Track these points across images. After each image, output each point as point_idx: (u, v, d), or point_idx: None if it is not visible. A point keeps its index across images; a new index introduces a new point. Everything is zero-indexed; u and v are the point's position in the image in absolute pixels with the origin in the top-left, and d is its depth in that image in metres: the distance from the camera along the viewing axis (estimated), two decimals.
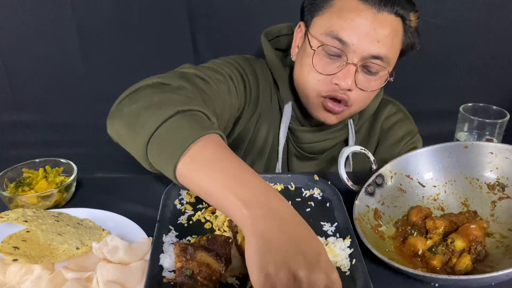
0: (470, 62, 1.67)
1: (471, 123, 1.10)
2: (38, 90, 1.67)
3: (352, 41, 0.97)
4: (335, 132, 1.18)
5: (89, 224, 0.91)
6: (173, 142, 0.70)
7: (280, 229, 0.60)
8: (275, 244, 0.58)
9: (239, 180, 0.65)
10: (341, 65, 0.99)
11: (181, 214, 0.94)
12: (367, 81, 1.02)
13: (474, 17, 1.59)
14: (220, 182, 0.65)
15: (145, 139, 0.72)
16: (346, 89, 1.01)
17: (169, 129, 0.71)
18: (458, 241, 0.82)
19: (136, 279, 0.76)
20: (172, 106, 0.73)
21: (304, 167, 1.22)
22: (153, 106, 0.75)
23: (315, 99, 1.06)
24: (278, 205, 0.63)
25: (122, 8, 1.55)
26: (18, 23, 1.54)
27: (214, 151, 0.69)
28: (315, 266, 0.58)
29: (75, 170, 1.02)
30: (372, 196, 0.95)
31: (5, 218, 0.85)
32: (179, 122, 0.72)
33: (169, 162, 0.69)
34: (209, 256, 0.73)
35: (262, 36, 1.17)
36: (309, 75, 1.03)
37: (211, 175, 0.66)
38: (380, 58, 0.99)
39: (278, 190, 1.03)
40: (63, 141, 1.26)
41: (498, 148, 0.94)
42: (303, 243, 0.60)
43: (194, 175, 0.68)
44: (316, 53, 1.01)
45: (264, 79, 1.15)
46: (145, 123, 0.73)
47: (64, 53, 1.60)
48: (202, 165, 0.68)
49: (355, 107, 1.07)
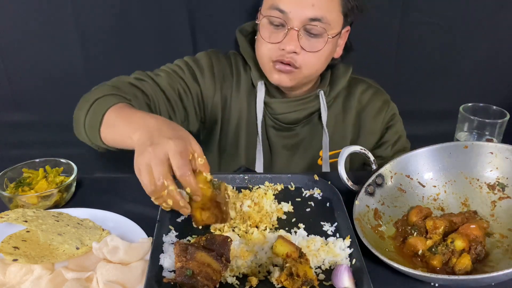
0: (470, 62, 1.67)
1: (471, 123, 1.10)
2: (38, 90, 1.66)
3: (289, 8, 1.10)
4: (307, 103, 1.27)
5: (89, 224, 0.91)
6: (93, 124, 1.01)
7: (152, 135, 0.85)
8: (149, 142, 0.83)
9: (128, 122, 0.94)
10: (285, 32, 1.12)
11: (181, 214, 0.94)
12: (310, 43, 1.13)
13: (474, 17, 1.59)
14: (119, 132, 0.96)
15: (83, 130, 1.05)
16: (292, 52, 1.12)
17: (91, 115, 1.02)
18: (458, 241, 0.81)
19: (136, 279, 0.76)
20: (92, 99, 1.04)
21: (282, 137, 1.32)
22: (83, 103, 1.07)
23: (267, 65, 1.19)
24: (151, 122, 0.88)
25: (122, 8, 1.54)
26: (18, 24, 1.54)
27: (116, 115, 0.98)
28: (177, 139, 0.83)
29: (75, 170, 1.02)
30: (372, 196, 0.95)
31: (5, 218, 0.85)
32: (96, 107, 1.02)
33: (96, 137, 1.02)
34: (209, 256, 0.73)
35: (237, 31, 1.32)
36: (261, 46, 1.18)
37: (115, 132, 0.98)
38: (319, 19, 1.10)
39: (278, 190, 1.04)
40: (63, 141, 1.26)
41: (498, 148, 0.94)
42: (169, 132, 0.85)
43: (109, 136, 1.00)
44: (262, 25, 1.16)
45: (226, 66, 1.31)
46: (79, 119, 1.05)
47: (64, 53, 1.60)
48: (110, 129, 0.99)
49: (305, 69, 1.17)
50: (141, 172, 0.82)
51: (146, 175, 0.81)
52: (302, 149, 1.33)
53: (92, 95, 1.07)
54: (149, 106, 1.15)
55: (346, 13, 1.16)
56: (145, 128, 0.87)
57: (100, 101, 1.04)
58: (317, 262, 0.80)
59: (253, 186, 1.05)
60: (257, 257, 0.80)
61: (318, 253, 0.81)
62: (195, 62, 1.28)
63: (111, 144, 1.02)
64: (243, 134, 1.31)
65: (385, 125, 1.35)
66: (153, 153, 0.81)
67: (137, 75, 1.20)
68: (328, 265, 0.81)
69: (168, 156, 0.81)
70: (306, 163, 1.33)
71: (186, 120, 1.27)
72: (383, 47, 1.63)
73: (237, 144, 1.32)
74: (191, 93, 1.25)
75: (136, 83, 1.16)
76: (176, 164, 0.80)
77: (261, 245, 0.82)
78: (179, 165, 0.80)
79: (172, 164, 0.81)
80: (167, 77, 1.22)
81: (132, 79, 1.18)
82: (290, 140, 1.32)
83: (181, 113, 1.24)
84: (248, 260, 0.79)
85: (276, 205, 0.97)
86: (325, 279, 0.77)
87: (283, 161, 1.33)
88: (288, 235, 0.87)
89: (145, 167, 0.81)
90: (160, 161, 0.80)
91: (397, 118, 1.37)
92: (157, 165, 0.80)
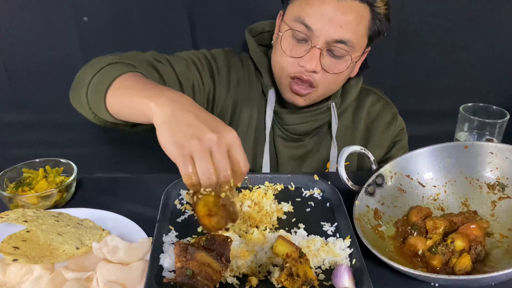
0: (470, 62, 1.67)
1: (471, 123, 1.10)
2: (38, 90, 1.67)
3: (316, 26, 1.04)
4: (318, 115, 1.23)
5: (89, 224, 0.91)
6: (101, 83, 0.88)
7: (182, 110, 0.72)
8: (181, 122, 0.70)
9: (149, 88, 0.80)
10: (307, 49, 1.07)
11: (181, 214, 0.94)
12: (332, 64, 1.09)
13: (474, 17, 1.59)
14: (135, 96, 0.80)
15: (85, 89, 0.92)
16: (311, 71, 1.08)
17: (100, 76, 0.90)
18: (458, 241, 0.82)
19: (136, 279, 0.76)
20: (105, 63, 0.92)
21: (290, 147, 1.29)
22: (91, 66, 0.95)
23: (283, 80, 1.14)
24: (178, 97, 0.76)
25: (122, 8, 1.55)
26: (18, 23, 1.54)
27: (131, 80, 0.86)
28: (216, 130, 0.70)
29: (75, 170, 1.02)
30: (372, 196, 0.95)
31: (5, 218, 0.85)
32: (108, 70, 0.90)
33: (100, 98, 0.87)
34: (209, 256, 0.73)
35: (246, 32, 1.26)
36: (279, 58, 1.12)
37: (128, 94, 0.83)
38: (344, 42, 1.06)
39: (278, 190, 1.04)
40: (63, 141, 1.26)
41: (498, 148, 0.94)
42: (202, 116, 0.72)
43: (117, 100, 0.85)
44: (285, 37, 1.10)
45: (240, 69, 1.25)
46: (84, 78, 0.93)
47: (64, 53, 1.60)
48: (122, 91, 0.85)
49: (321, 89, 1.13)
50: (196, 155, 0.68)
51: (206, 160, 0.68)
52: (309, 160, 1.30)
53: (104, 60, 0.95)
54: None
55: (372, 37, 1.12)
56: (173, 100, 0.74)
57: (114, 65, 0.92)
58: (317, 262, 0.80)
59: (253, 186, 1.05)
60: (257, 257, 0.80)
61: (318, 253, 0.81)
62: (214, 59, 1.22)
63: (117, 113, 0.87)
64: (250, 142, 1.27)
65: (392, 140, 1.33)
66: (217, 142, 0.68)
67: (155, 55, 1.11)
68: (328, 265, 0.81)
69: (230, 146, 0.70)
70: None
71: None
72: (383, 47, 1.63)
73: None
74: (204, 89, 1.19)
75: (154, 63, 1.07)
76: (244, 160, 0.71)
77: (261, 245, 0.82)
78: (246, 161, 0.71)
79: (237, 158, 0.70)
80: (185, 66, 1.14)
81: (150, 57, 1.08)
82: (297, 151, 1.29)
83: None
84: (248, 260, 0.79)
85: (276, 205, 0.97)
86: (325, 279, 0.78)
87: (289, 171, 1.30)
88: (288, 235, 0.87)
89: (202, 152, 0.68)
90: (225, 153, 0.69)
91: (403, 133, 1.34)
92: (223, 158, 0.69)
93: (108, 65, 0.92)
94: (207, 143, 0.68)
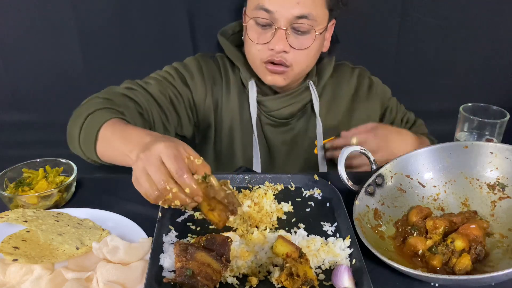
0: (470, 62, 1.67)
1: (471, 123, 1.10)
2: (38, 90, 1.66)
3: (275, 8, 1.10)
4: (298, 96, 1.28)
5: (89, 224, 0.91)
6: (88, 139, 1.02)
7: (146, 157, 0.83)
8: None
9: (124, 140, 0.94)
10: (272, 32, 1.13)
11: (181, 214, 0.94)
12: (298, 41, 1.14)
13: (474, 17, 1.59)
14: (116, 149, 0.96)
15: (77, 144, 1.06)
16: (281, 51, 1.13)
17: (84, 132, 1.04)
18: (458, 241, 0.81)
19: (136, 279, 0.76)
20: (85, 113, 1.05)
21: (279, 133, 1.33)
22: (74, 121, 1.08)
23: (259, 66, 1.19)
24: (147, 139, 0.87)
25: (122, 8, 1.54)
26: (18, 23, 1.54)
27: (111, 131, 0.99)
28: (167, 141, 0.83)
29: (75, 170, 1.02)
30: (372, 196, 0.95)
31: (5, 218, 0.85)
32: (90, 122, 1.03)
33: (91, 152, 1.03)
34: (209, 256, 0.73)
35: (218, 34, 1.32)
36: (250, 48, 1.18)
37: (111, 148, 0.98)
38: (305, 16, 1.11)
39: (278, 190, 1.04)
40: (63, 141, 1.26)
41: (498, 148, 0.94)
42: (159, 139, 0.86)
43: (106, 154, 1.02)
44: (250, 27, 1.16)
45: (214, 69, 1.31)
46: (73, 135, 1.07)
47: (64, 53, 1.60)
48: (106, 144, 1.00)
49: (297, 66, 1.18)
50: (139, 181, 0.82)
51: (145, 182, 0.81)
52: (300, 142, 1.34)
53: (84, 109, 1.07)
54: (142, 115, 1.16)
55: (331, 8, 1.18)
56: (141, 145, 0.86)
57: (93, 116, 1.04)
58: (317, 262, 0.80)
59: (253, 186, 1.05)
60: (257, 257, 0.80)
61: (318, 253, 0.81)
62: (184, 67, 1.29)
63: (109, 161, 1.04)
64: (238, 135, 1.32)
65: (381, 102, 1.38)
66: (146, 159, 0.81)
67: (127, 84, 1.21)
68: (328, 265, 0.81)
69: (162, 160, 0.80)
70: (304, 157, 1.35)
71: (180, 126, 1.27)
72: (383, 47, 1.63)
73: (232, 145, 1.33)
74: (183, 98, 1.26)
75: (127, 93, 1.16)
76: (172, 167, 0.79)
77: (261, 245, 0.82)
78: (175, 167, 0.79)
79: (168, 167, 0.80)
80: (157, 84, 1.22)
81: (122, 89, 1.18)
82: (287, 135, 1.34)
83: (174, 119, 1.25)
84: (248, 260, 0.79)
85: (276, 205, 0.97)
86: (325, 279, 0.78)
87: (282, 157, 1.34)
88: (288, 235, 0.87)
89: (142, 175, 0.81)
90: (155, 166, 0.80)
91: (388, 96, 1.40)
92: (154, 171, 0.80)
93: (88, 116, 1.04)
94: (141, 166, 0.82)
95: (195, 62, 1.30)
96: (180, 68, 1.28)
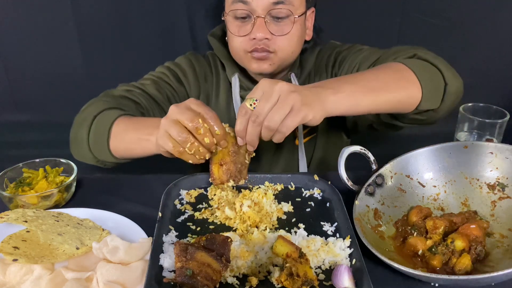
0: (470, 62, 1.67)
1: (471, 123, 1.10)
2: (38, 90, 1.67)
3: None
4: None
5: (89, 224, 0.91)
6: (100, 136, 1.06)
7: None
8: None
9: (139, 128, 1.01)
10: (252, 23, 1.15)
11: (181, 214, 0.94)
12: (278, 27, 1.16)
13: (474, 17, 1.59)
14: (134, 137, 1.02)
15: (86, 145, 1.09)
16: (263, 39, 1.15)
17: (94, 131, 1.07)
18: (458, 241, 0.81)
19: (136, 279, 0.76)
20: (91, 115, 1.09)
21: None
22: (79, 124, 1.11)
23: (244, 57, 1.21)
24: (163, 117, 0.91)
25: (122, 8, 1.55)
26: (18, 23, 1.54)
27: (123, 125, 1.05)
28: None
29: (75, 170, 1.02)
30: (372, 196, 0.95)
31: (5, 218, 0.85)
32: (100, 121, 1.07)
33: (104, 149, 1.06)
34: (209, 256, 0.73)
35: (208, 36, 1.35)
36: (232, 41, 1.21)
37: (127, 137, 1.03)
38: (281, 2, 1.12)
39: (278, 190, 1.04)
40: (63, 141, 1.26)
41: (498, 148, 0.94)
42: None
43: (121, 146, 1.05)
44: (229, 21, 1.19)
45: (205, 66, 1.35)
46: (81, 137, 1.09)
47: (64, 53, 1.60)
48: (120, 137, 1.04)
49: (281, 53, 1.19)
50: (170, 128, 0.87)
51: (174, 127, 0.87)
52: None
53: (87, 113, 1.10)
54: (143, 115, 1.18)
55: None
56: (158, 125, 0.90)
57: (101, 116, 1.08)
58: (317, 262, 0.80)
59: (253, 186, 1.05)
60: (257, 257, 0.80)
61: (318, 253, 0.81)
62: (176, 65, 1.32)
63: (123, 154, 1.07)
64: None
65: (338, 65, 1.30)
66: (176, 109, 0.88)
67: (123, 87, 1.24)
68: (328, 265, 0.80)
69: (190, 106, 0.88)
70: (287, 147, 1.34)
71: None
72: (383, 47, 1.63)
73: None
74: (179, 96, 1.30)
75: (126, 94, 1.20)
76: (203, 110, 0.88)
77: (261, 245, 0.82)
78: (205, 109, 0.88)
79: (200, 111, 0.88)
80: (153, 84, 1.26)
81: (120, 92, 1.21)
82: None
83: None
84: (248, 260, 0.79)
85: (276, 205, 0.97)
86: (325, 279, 0.77)
87: (269, 149, 1.34)
88: (288, 235, 0.87)
89: (171, 122, 0.87)
90: (184, 109, 0.87)
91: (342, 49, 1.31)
92: (183, 113, 0.87)
93: (95, 117, 1.08)
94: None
95: (186, 60, 1.34)
96: (172, 66, 1.32)
